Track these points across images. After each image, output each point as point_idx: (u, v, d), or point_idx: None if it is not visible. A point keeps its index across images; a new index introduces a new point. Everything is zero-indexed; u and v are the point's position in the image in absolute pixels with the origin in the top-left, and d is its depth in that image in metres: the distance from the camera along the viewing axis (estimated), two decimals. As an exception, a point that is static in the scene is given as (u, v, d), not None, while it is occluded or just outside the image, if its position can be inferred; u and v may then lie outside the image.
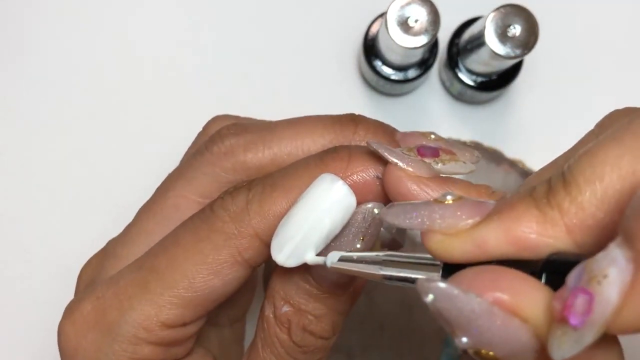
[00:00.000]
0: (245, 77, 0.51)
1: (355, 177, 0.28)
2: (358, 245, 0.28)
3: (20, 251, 0.50)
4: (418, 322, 0.47)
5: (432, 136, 0.29)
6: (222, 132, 0.32)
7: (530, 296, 0.20)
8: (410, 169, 0.27)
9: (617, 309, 0.18)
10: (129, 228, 0.34)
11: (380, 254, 0.26)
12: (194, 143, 0.36)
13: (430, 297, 0.21)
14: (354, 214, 0.27)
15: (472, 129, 0.51)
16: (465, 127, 0.51)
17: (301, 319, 0.29)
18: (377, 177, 0.28)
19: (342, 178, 0.27)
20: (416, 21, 0.44)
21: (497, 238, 0.22)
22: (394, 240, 0.31)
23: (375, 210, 0.27)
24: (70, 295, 0.35)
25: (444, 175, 0.27)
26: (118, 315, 0.29)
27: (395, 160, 0.27)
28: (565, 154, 0.27)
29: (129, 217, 0.35)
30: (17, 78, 0.51)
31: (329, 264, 0.27)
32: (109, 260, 0.33)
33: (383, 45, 0.47)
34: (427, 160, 0.27)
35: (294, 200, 0.28)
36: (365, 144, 0.29)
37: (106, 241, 0.35)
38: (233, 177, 0.32)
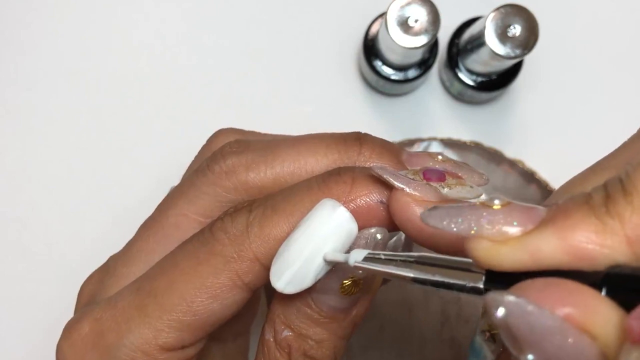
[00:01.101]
0: (245, 77, 0.51)
1: (358, 201, 0.27)
2: (360, 271, 0.27)
3: (20, 251, 0.50)
4: (418, 322, 0.47)
5: (440, 157, 0.29)
6: (224, 150, 0.31)
7: (600, 312, 0.19)
8: (417, 194, 0.26)
9: None
10: (129, 246, 0.33)
11: (413, 254, 0.24)
12: (196, 158, 0.36)
13: (501, 312, 0.20)
14: (357, 238, 0.27)
15: (472, 129, 0.51)
16: (465, 127, 0.51)
17: (302, 343, 0.29)
18: (381, 202, 0.27)
19: (345, 202, 0.27)
20: (416, 21, 0.44)
21: (551, 247, 0.21)
22: None
23: (378, 236, 0.27)
24: (69, 296, 0.35)
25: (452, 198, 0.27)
26: (116, 338, 0.29)
27: (402, 186, 0.26)
28: (606, 159, 0.26)
29: (129, 218, 0.35)
30: (17, 78, 0.51)
31: (352, 262, 0.25)
32: (110, 278, 0.32)
33: (383, 45, 0.47)
34: (432, 184, 0.26)
35: (295, 224, 0.27)
36: (370, 166, 0.28)
37: (105, 241, 0.35)
38: (234, 197, 0.31)
